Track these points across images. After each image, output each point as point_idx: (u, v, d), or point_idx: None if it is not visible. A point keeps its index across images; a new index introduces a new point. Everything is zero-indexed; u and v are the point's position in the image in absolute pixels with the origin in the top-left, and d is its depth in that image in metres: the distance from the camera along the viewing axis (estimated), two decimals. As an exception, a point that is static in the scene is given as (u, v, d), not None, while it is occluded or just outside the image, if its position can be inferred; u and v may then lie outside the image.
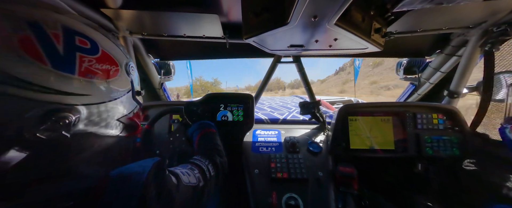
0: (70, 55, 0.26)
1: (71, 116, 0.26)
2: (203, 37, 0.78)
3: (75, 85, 0.26)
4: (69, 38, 0.26)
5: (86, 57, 0.27)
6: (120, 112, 0.34)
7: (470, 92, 0.82)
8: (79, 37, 0.27)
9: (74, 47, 0.26)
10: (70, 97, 0.26)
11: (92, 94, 0.28)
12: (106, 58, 0.30)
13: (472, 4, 0.53)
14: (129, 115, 0.36)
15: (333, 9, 0.40)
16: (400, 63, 1.05)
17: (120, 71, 0.33)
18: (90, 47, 0.28)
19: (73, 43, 0.26)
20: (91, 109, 0.28)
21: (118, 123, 0.34)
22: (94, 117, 0.29)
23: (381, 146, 0.77)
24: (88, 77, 0.27)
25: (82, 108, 0.27)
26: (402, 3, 0.44)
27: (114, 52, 0.32)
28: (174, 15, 0.60)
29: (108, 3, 0.53)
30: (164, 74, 1.10)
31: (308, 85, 1.05)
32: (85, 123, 0.28)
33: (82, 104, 0.27)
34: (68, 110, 0.26)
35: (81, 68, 0.26)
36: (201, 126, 0.58)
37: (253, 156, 0.80)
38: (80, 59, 0.26)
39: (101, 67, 0.29)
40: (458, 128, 0.76)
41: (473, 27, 0.69)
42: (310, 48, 0.64)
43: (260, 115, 1.16)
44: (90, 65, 0.28)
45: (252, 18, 0.48)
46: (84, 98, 0.27)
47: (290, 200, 0.63)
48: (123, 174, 0.29)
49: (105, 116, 0.31)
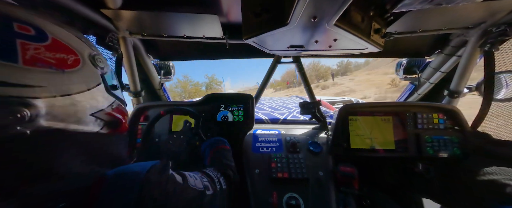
0: (8, 42, 0.23)
1: (24, 109, 0.23)
2: (203, 38, 0.78)
3: (22, 75, 0.23)
4: (4, 25, 0.24)
5: (31, 44, 0.24)
6: (93, 107, 0.31)
7: (470, 92, 0.82)
8: (18, 23, 0.24)
9: (12, 32, 0.24)
10: (19, 89, 0.23)
11: (47, 86, 0.25)
12: (58, 46, 0.27)
13: (471, 4, 0.53)
14: (106, 109, 0.33)
15: (332, 9, 0.40)
16: (400, 63, 1.05)
17: (82, 62, 0.30)
18: (35, 34, 0.25)
19: (10, 28, 0.24)
20: (51, 102, 0.25)
21: (94, 119, 0.31)
22: (58, 111, 0.26)
23: (381, 146, 0.77)
24: (37, 66, 0.24)
25: (38, 102, 0.24)
26: (401, 3, 0.44)
27: (70, 41, 0.29)
28: (174, 15, 0.60)
29: (108, 3, 0.53)
30: (164, 75, 1.10)
31: (308, 85, 1.05)
32: (47, 118, 0.25)
33: (36, 96, 0.24)
34: (19, 103, 0.23)
35: (25, 56, 0.23)
36: (215, 142, 0.57)
37: (254, 156, 0.80)
38: (23, 46, 0.24)
39: (53, 55, 0.26)
40: (459, 128, 0.76)
41: (472, 28, 0.69)
42: (310, 48, 0.64)
43: (260, 115, 1.16)
44: (38, 53, 0.25)
45: (252, 19, 0.48)
46: (37, 90, 0.24)
47: (290, 200, 0.63)
48: (120, 172, 0.28)
49: (72, 110, 0.28)
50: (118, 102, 0.37)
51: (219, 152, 0.53)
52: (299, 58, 0.99)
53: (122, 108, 0.38)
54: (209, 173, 0.42)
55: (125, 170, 0.29)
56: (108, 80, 0.35)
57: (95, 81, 0.32)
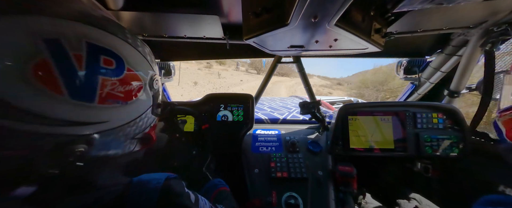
0: (92, 81, 0.21)
1: (84, 146, 0.22)
2: (204, 38, 0.78)
3: (92, 114, 0.22)
4: (93, 60, 0.21)
5: (109, 81, 0.23)
6: (138, 130, 0.29)
7: (470, 92, 0.82)
8: (105, 56, 0.22)
9: (98, 70, 0.22)
10: (85, 128, 0.22)
11: (110, 120, 0.24)
12: (130, 78, 0.25)
13: (472, 4, 0.53)
14: (146, 130, 0.31)
15: (333, 9, 0.40)
16: (400, 63, 1.05)
17: (144, 88, 0.28)
18: (115, 67, 0.23)
19: (97, 64, 0.21)
20: (107, 135, 0.25)
21: (134, 140, 0.30)
22: (108, 141, 0.25)
23: (380, 145, 0.78)
24: (108, 103, 0.23)
25: (97, 136, 0.23)
26: (402, 3, 0.44)
27: (140, 68, 0.27)
28: (175, 16, 0.60)
29: (109, 4, 0.53)
30: (164, 75, 1.10)
31: (308, 85, 1.06)
32: (98, 148, 0.24)
33: (98, 131, 0.23)
34: (83, 141, 0.22)
35: (102, 95, 0.22)
36: (218, 183, 0.56)
37: (253, 155, 0.81)
38: (102, 84, 0.22)
39: (123, 89, 0.24)
40: (458, 127, 0.76)
41: (473, 27, 0.69)
42: (310, 48, 0.64)
43: (260, 114, 1.16)
44: (112, 89, 0.23)
45: (252, 19, 0.48)
46: (101, 126, 0.23)
47: (290, 199, 0.63)
48: (144, 180, 0.28)
49: (121, 138, 0.27)
50: (156, 119, 0.34)
51: (222, 193, 0.53)
52: (300, 58, 0.99)
53: (156, 123, 0.36)
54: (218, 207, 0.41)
55: (147, 178, 0.29)
56: (157, 99, 0.33)
57: (148, 105, 0.30)
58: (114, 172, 0.30)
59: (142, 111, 0.29)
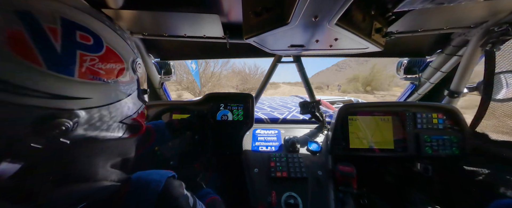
0: (70, 54, 0.22)
1: (68, 121, 0.22)
2: (204, 37, 0.78)
3: (74, 88, 0.23)
4: (69, 34, 0.22)
5: (88, 56, 0.23)
6: (124, 114, 0.30)
7: (470, 92, 0.82)
8: (81, 31, 0.23)
9: (75, 44, 0.22)
10: (67, 102, 0.22)
11: (93, 97, 0.24)
12: (111, 56, 0.26)
13: (473, 4, 0.52)
14: (134, 115, 0.32)
15: (333, 9, 0.40)
16: (400, 63, 1.04)
17: (126, 69, 0.29)
18: (93, 43, 0.24)
19: (73, 39, 0.22)
20: (92, 112, 0.25)
21: (121, 125, 0.30)
22: (94, 120, 0.26)
23: (380, 146, 0.77)
24: (89, 78, 0.24)
25: (81, 113, 0.24)
26: (403, 3, 0.43)
27: (120, 48, 0.28)
28: (175, 15, 0.60)
29: (109, 3, 0.53)
30: (164, 74, 1.10)
31: (308, 85, 1.05)
32: (85, 127, 0.25)
33: (82, 108, 0.24)
34: (66, 115, 0.22)
35: (81, 69, 0.23)
36: (210, 192, 0.57)
37: (253, 155, 0.81)
38: (81, 58, 0.23)
39: (105, 66, 0.25)
40: (458, 128, 0.76)
41: (474, 27, 0.68)
42: (311, 48, 0.64)
43: (260, 114, 1.16)
44: (92, 64, 0.24)
45: (252, 18, 0.48)
46: (84, 102, 0.24)
47: (289, 199, 0.63)
48: (144, 178, 0.28)
49: (107, 119, 0.27)
50: (143, 106, 0.36)
51: (214, 203, 0.53)
52: (300, 57, 0.99)
53: (144, 111, 0.37)
54: None
55: (147, 176, 0.29)
56: (141, 84, 0.34)
57: (132, 88, 0.31)
58: (106, 163, 0.29)
59: (127, 94, 0.30)
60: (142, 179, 0.29)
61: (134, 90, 0.32)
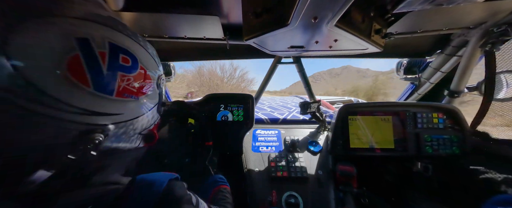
0: (112, 76, 0.24)
1: (101, 135, 0.24)
2: (204, 39, 0.78)
3: (110, 105, 0.25)
4: (114, 57, 0.24)
5: (126, 76, 0.26)
6: (144, 126, 0.32)
7: (471, 92, 0.82)
8: (123, 54, 0.26)
9: (117, 66, 0.25)
10: (103, 118, 0.24)
11: (124, 113, 0.27)
12: (143, 75, 0.29)
13: (472, 5, 0.53)
14: (150, 127, 0.34)
15: (333, 10, 0.40)
16: (400, 63, 1.05)
17: (153, 86, 0.31)
18: (131, 64, 0.27)
19: (117, 62, 0.25)
20: (120, 126, 0.27)
21: (139, 136, 0.32)
22: (120, 133, 0.28)
23: (381, 145, 0.78)
24: (124, 96, 0.26)
25: (112, 127, 0.26)
26: (402, 4, 0.44)
27: (150, 67, 0.31)
28: (175, 17, 0.60)
29: (110, 5, 0.53)
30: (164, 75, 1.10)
31: (308, 85, 1.06)
32: (111, 140, 0.27)
33: (113, 122, 0.26)
34: (100, 130, 0.24)
35: (119, 89, 0.25)
36: (219, 180, 0.58)
37: (253, 155, 0.81)
38: (121, 79, 0.25)
39: (137, 85, 0.28)
40: (458, 127, 0.76)
41: (473, 28, 0.69)
42: (310, 49, 0.64)
43: (260, 114, 1.16)
44: (128, 84, 0.26)
45: (252, 20, 0.49)
46: (116, 118, 0.26)
47: (290, 199, 0.63)
48: (147, 180, 0.29)
49: (131, 132, 0.29)
50: (159, 117, 0.37)
51: (221, 192, 0.54)
52: (300, 58, 0.99)
53: (159, 121, 0.38)
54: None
55: (150, 178, 0.30)
56: (162, 98, 0.36)
57: (154, 103, 0.33)
58: (121, 169, 0.31)
59: (150, 108, 0.32)
60: (145, 180, 0.29)
61: (156, 104, 0.34)
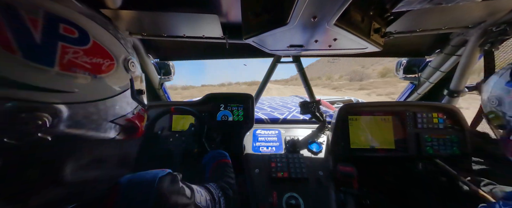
0: (49, 45, 0.21)
1: (46, 115, 0.21)
2: (203, 38, 0.78)
3: (54, 80, 0.22)
4: (50, 25, 0.22)
5: (71, 48, 0.23)
6: (116, 113, 0.29)
7: (470, 92, 0.82)
8: (64, 24, 0.23)
9: (57, 35, 0.22)
10: (47, 94, 0.22)
11: (76, 92, 0.24)
12: (98, 50, 0.26)
13: (471, 4, 0.53)
14: (127, 115, 0.31)
15: (332, 9, 0.40)
16: (399, 62, 1.05)
17: (116, 66, 0.28)
18: (78, 36, 0.24)
19: (55, 31, 0.22)
20: (76, 108, 0.24)
21: (113, 125, 0.29)
22: (79, 117, 0.24)
23: (381, 145, 0.77)
24: (72, 71, 0.23)
25: (63, 107, 0.23)
26: (401, 3, 0.44)
27: (110, 45, 0.28)
28: (174, 15, 0.60)
29: (108, 3, 0.53)
30: (163, 75, 1.10)
31: (308, 85, 1.05)
32: (67, 124, 0.24)
33: (63, 102, 0.23)
34: (43, 108, 0.21)
35: (62, 60, 0.22)
36: (218, 155, 0.57)
37: (254, 155, 0.80)
38: (62, 50, 0.22)
39: (90, 60, 0.25)
40: (458, 127, 0.76)
41: (472, 27, 0.69)
42: (310, 48, 0.64)
43: (260, 114, 1.16)
44: (76, 57, 0.23)
45: (251, 19, 0.48)
46: (66, 96, 0.23)
47: (290, 200, 0.63)
48: (134, 182, 0.28)
49: (95, 117, 0.26)
50: (140, 107, 0.35)
51: (221, 166, 0.53)
52: (299, 57, 0.99)
53: (142, 113, 0.36)
54: (212, 190, 0.42)
55: (138, 179, 0.29)
56: (136, 85, 0.33)
57: (123, 87, 0.30)
58: (91, 161, 0.28)
59: (117, 91, 0.29)
60: (133, 181, 0.28)
61: (127, 90, 0.31)
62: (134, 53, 0.33)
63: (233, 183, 0.50)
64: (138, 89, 0.33)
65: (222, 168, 0.52)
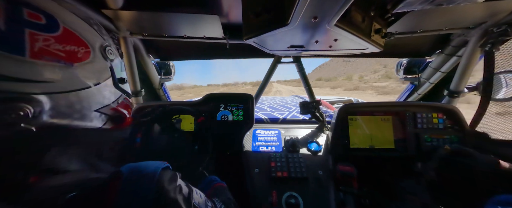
0: (15, 32, 0.21)
1: (27, 106, 0.21)
2: (204, 38, 0.78)
3: (28, 69, 0.21)
4: (12, 10, 0.21)
5: (40, 35, 0.22)
6: (99, 102, 0.29)
7: (470, 92, 0.82)
8: (29, 9, 0.22)
9: (22, 21, 0.21)
10: (24, 85, 0.21)
11: (54, 81, 0.23)
12: (70, 38, 0.25)
13: (472, 4, 0.53)
14: (112, 104, 0.31)
15: (333, 10, 0.40)
16: (400, 63, 1.05)
17: (93, 54, 0.28)
18: (46, 22, 0.23)
19: (19, 16, 0.21)
20: (57, 98, 0.24)
21: (99, 114, 0.29)
22: (62, 107, 0.24)
23: (381, 145, 0.78)
24: (45, 59, 0.22)
25: (43, 97, 0.22)
26: (402, 4, 0.44)
27: (83, 31, 0.27)
28: (175, 16, 0.60)
29: (109, 4, 0.53)
30: (164, 75, 1.10)
31: (308, 85, 1.06)
32: (50, 114, 0.23)
33: (42, 92, 0.22)
34: (22, 99, 0.21)
35: (33, 49, 0.21)
36: (211, 181, 0.56)
37: (253, 155, 0.81)
38: (31, 38, 0.21)
39: (63, 48, 0.24)
40: (458, 127, 0.76)
41: (473, 28, 0.69)
42: (310, 48, 0.64)
43: (260, 114, 1.16)
44: (47, 45, 0.22)
45: (252, 19, 0.48)
46: (44, 86, 0.22)
47: (290, 199, 0.63)
48: (136, 171, 0.27)
49: (78, 107, 0.26)
50: (124, 96, 0.35)
51: (218, 189, 0.53)
52: (299, 58, 0.99)
53: (127, 101, 0.36)
54: (215, 201, 0.40)
55: (140, 169, 0.28)
56: (117, 73, 0.32)
57: (104, 75, 0.29)
58: (91, 153, 0.28)
59: (97, 80, 0.28)
60: (135, 171, 0.28)
61: (107, 78, 0.30)
62: (110, 40, 0.33)
63: (233, 200, 0.50)
64: (119, 78, 0.33)
65: (219, 190, 0.52)
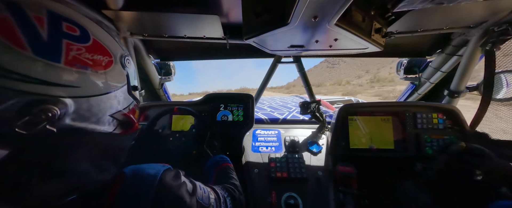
0: (55, 42, 0.24)
1: (55, 108, 0.23)
2: (204, 38, 0.78)
3: (61, 75, 0.24)
4: (54, 23, 0.24)
5: (74, 45, 0.25)
6: (114, 107, 0.31)
7: (470, 92, 0.82)
8: (67, 23, 0.25)
9: (60, 33, 0.24)
10: (55, 88, 0.23)
11: (81, 86, 0.26)
12: (97, 48, 0.28)
13: (472, 4, 0.52)
14: (124, 110, 0.33)
15: (333, 9, 0.40)
16: (400, 63, 1.05)
17: (114, 63, 0.30)
18: (80, 34, 0.26)
19: (59, 28, 0.24)
20: (80, 102, 0.26)
21: (111, 119, 0.31)
22: (83, 111, 0.26)
23: (381, 146, 0.77)
24: (76, 67, 0.25)
25: (69, 101, 0.25)
26: (402, 3, 0.44)
27: (108, 42, 0.30)
28: (175, 16, 0.60)
29: (109, 4, 0.53)
30: (164, 75, 1.10)
31: (308, 85, 1.06)
32: (73, 117, 0.25)
33: (69, 96, 0.25)
34: (52, 101, 0.23)
35: (68, 57, 0.24)
36: (220, 160, 0.58)
37: (253, 155, 0.81)
38: (67, 47, 0.24)
39: (92, 57, 0.27)
40: (458, 127, 0.76)
41: (474, 27, 0.68)
42: (311, 48, 0.64)
43: (260, 114, 1.16)
44: (79, 54, 0.25)
45: (252, 19, 0.48)
46: (72, 90, 0.25)
47: (289, 199, 0.63)
48: (138, 174, 0.29)
49: (96, 111, 0.28)
50: (134, 102, 0.37)
51: (224, 170, 0.54)
52: (300, 58, 0.99)
53: (136, 108, 0.38)
54: (217, 190, 0.42)
55: (141, 171, 0.30)
56: (131, 81, 0.35)
57: (121, 83, 0.32)
58: (98, 156, 0.30)
59: (116, 87, 0.31)
60: (138, 173, 0.29)
61: (124, 85, 0.33)
62: (127, 51, 0.36)
63: (238, 185, 0.51)
64: (133, 86, 0.36)
65: (225, 172, 0.53)
